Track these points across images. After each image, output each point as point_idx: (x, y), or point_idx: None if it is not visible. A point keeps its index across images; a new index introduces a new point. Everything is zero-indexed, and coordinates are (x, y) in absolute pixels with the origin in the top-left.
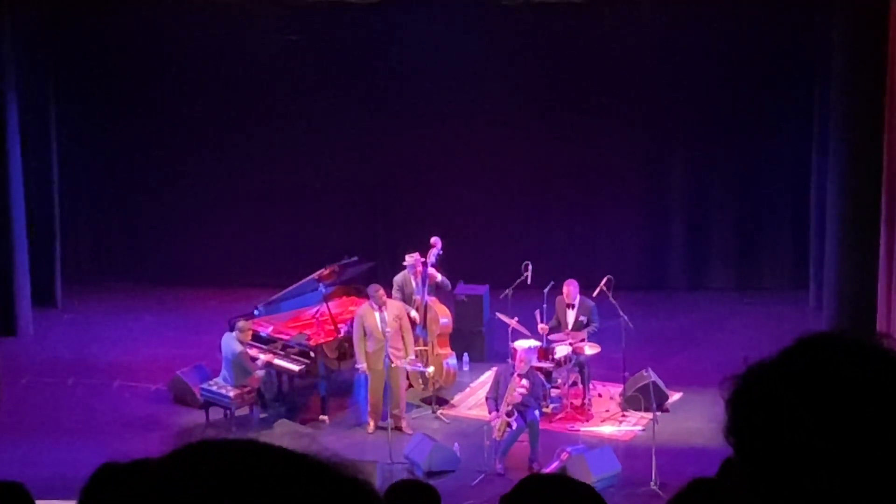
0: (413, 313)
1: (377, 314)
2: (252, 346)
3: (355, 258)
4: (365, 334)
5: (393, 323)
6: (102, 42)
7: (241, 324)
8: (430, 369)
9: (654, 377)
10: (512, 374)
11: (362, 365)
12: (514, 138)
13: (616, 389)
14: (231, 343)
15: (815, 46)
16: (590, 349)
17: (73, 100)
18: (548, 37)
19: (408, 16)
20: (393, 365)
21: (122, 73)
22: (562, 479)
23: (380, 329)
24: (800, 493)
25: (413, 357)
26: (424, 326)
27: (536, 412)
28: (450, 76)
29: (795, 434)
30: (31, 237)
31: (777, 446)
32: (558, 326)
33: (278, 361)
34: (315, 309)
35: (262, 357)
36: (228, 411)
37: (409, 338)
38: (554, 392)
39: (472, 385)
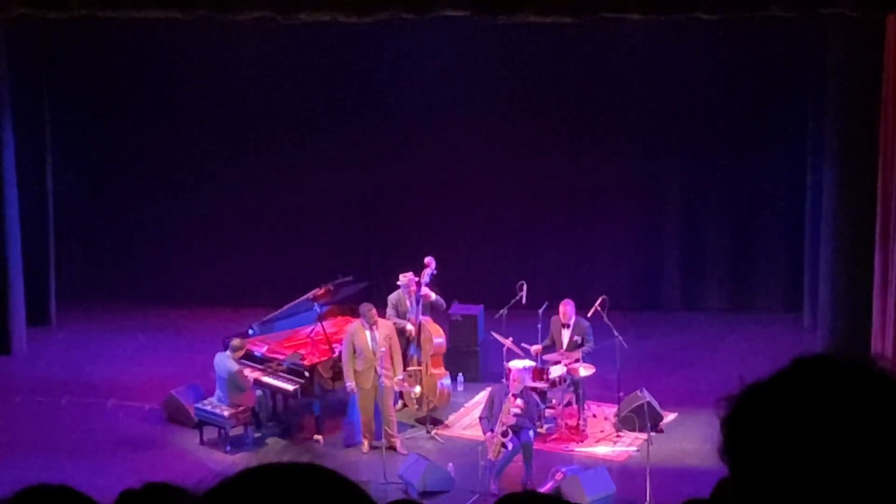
0: (409, 327)
1: (368, 333)
2: (246, 366)
3: (350, 278)
4: (354, 352)
5: (384, 342)
6: (97, 61)
7: (235, 342)
8: (417, 389)
9: (648, 397)
10: (506, 394)
11: (351, 383)
12: (508, 158)
13: (611, 410)
14: (226, 361)
15: (809, 67)
16: (584, 369)
17: (67, 118)
18: (542, 57)
19: (401, 36)
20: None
21: (116, 93)
22: (540, 498)
23: (370, 348)
24: None
25: (401, 378)
26: (419, 346)
27: (531, 432)
28: (444, 96)
29: (790, 455)
30: (26, 255)
31: (772, 467)
32: (553, 346)
33: (273, 381)
34: (310, 328)
35: (251, 375)
36: (223, 431)
37: (398, 357)
38: (548, 412)
39: (466, 405)
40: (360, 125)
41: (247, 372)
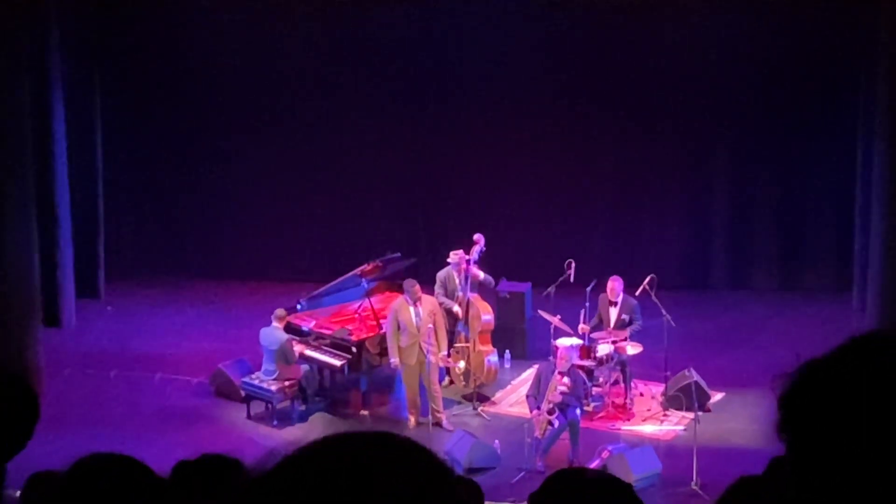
0: (455, 308)
1: (412, 309)
2: (294, 340)
3: (398, 254)
4: (399, 328)
5: (427, 318)
6: (147, 39)
7: (278, 311)
8: (461, 364)
9: (695, 377)
10: (553, 371)
11: (395, 359)
12: (557, 136)
13: (658, 389)
14: (274, 333)
15: (860, 45)
16: (632, 348)
17: (117, 95)
18: (592, 36)
19: (450, 13)
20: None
21: (164, 70)
22: (590, 475)
23: (414, 324)
24: (853, 491)
25: (445, 353)
26: (466, 323)
27: (578, 411)
28: (492, 73)
29: (849, 432)
30: (76, 230)
31: (831, 444)
32: (601, 324)
33: (320, 356)
34: (357, 304)
35: (297, 348)
36: (270, 405)
37: (443, 333)
38: (595, 390)
39: (513, 382)
40: (409, 102)
41: (295, 346)
